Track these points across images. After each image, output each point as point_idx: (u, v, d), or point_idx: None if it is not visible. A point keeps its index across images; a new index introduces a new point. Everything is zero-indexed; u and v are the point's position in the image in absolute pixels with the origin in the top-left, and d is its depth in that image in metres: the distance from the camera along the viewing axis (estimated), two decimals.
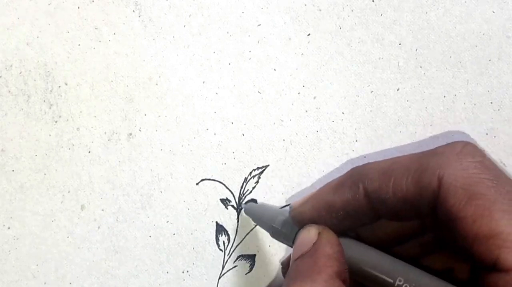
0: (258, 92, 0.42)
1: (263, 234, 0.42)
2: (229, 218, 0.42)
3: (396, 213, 0.34)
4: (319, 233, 0.35)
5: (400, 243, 0.37)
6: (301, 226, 0.36)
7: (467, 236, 0.30)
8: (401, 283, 0.33)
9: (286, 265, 0.41)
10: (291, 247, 0.37)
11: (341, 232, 0.36)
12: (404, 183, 0.32)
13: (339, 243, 0.35)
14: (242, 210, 0.42)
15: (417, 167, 0.32)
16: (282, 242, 0.38)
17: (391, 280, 0.33)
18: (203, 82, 0.42)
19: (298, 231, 0.36)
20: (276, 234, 0.38)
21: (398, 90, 0.41)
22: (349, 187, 0.35)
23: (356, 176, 0.35)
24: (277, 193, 0.42)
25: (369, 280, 0.35)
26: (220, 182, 0.42)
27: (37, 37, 0.42)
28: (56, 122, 0.42)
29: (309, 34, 0.42)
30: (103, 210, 0.42)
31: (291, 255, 0.35)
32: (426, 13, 0.41)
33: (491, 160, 0.33)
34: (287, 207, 0.41)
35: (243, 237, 0.42)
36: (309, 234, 0.35)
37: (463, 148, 0.32)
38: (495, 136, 0.41)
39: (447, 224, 0.31)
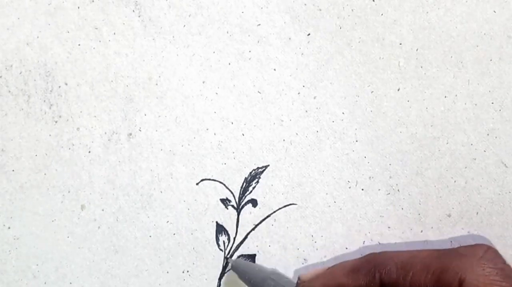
0: (258, 92, 0.42)
1: (264, 234, 0.42)
2: (229, 218, 0.42)
3: None
4: None
5: None
6: None
7: None
8: None
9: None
10: None
11: None
12: (423, 280, 0.33)
13: None
14: (229, 265, 0.42)
15: (438, 266, 0.33)
16: None
17: None
18: (203, 82, 0.42)
19: None
20: None
21: (398, 90, 0.41)
22: (364, 274, 0.35)
23: (373, 264, 0.35)
24: (277, 193, 0.42)
25: None
26: (220, 182, 0.42)
27: (37, 37, 0.42)
28: (56, 122, 0.42)
29: (309, 34, 0.42)
30: (103, 210, 0.42)
31: None
32: (427, 12, 0.41)
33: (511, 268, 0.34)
34: (274, 269, 0.41)
35: (244, 237, 0.42)
36: None
37: (485, 253, 0.33)
38: (496, 137, 0.40)
39: None
